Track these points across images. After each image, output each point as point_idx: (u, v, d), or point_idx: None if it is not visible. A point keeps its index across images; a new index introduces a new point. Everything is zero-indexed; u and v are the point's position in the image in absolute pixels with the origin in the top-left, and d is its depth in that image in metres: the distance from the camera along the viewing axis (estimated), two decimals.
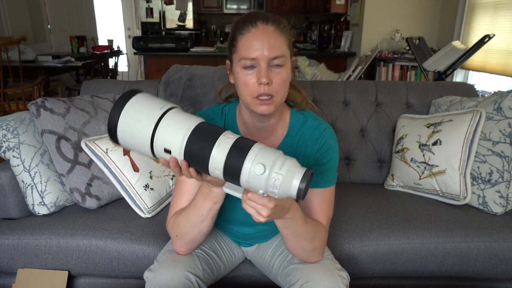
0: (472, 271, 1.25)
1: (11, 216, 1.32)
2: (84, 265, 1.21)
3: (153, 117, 0.65)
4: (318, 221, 0.93)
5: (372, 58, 2.94)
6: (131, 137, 0.66)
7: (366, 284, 1.32)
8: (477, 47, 2.41)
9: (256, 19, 0.82)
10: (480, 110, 1.40)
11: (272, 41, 0.81)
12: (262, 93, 0.82)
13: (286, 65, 0.84)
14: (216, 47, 4.15)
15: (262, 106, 0.84)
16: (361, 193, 1.53)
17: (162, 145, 0.65)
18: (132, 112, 0.65)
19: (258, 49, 0.80)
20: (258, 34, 0.81)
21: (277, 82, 0.83)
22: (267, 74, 0.81)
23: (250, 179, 0.64)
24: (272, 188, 0.65)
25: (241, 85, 0.84)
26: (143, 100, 0.66)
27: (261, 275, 1.18)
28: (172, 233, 0.94)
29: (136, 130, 0.65)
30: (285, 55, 0.83)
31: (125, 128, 0.65)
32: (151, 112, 0.65)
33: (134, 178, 1.32)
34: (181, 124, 0.66)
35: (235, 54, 0.85)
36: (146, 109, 0.65)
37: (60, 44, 5.54)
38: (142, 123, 0.65)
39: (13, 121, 1.33)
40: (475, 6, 3.27)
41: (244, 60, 0.82)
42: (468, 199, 1.36)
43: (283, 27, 0.84)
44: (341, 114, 1.70)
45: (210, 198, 0.82)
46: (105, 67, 4.17)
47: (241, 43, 0.83)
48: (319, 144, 0.94)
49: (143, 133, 0.65)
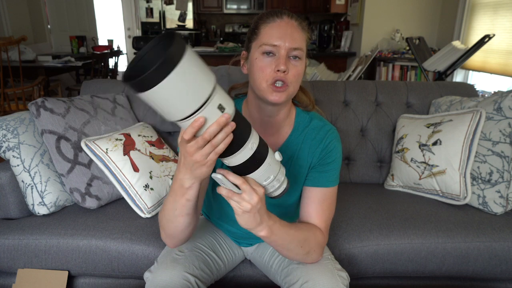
0: (472, 271, 1.25)
1: (11, 216, 1.32)
2: (84, 265, 1.21)
3: (212, 75, 0.61)
4: (310, 224, 0.92)
5: (372, 58, 2.94)
6: (179, 92, 0.56)
7: (366, 284, 1.32)
8: (477, 47, 2.41)
9: (282, 13, 0.88)
10: (480, 110, 1.40)
11: (295, 34, 0.86)
12: (278, 78, 0.84)
13: (302, 60, 0.88)
14: (216, 47, 4.15)
15: (274, 94, 0.85)
16: (361, 193, 1.53)
17: (219, 101, 0.61)
18: (190, 64, 0.56)
19: (280, 38, 0.84)
20: (282, 25, 0.86)
21: (292, 73, 0.85)
22: (286, 62, 0.84)
23: (272, 162, 0.73)
24: (280, 175, 0.76)
25: (258, 70, 0.86)
26: (195, 56, 0.59)
27: (261, 275, 1.18)
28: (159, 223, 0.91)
29: (190, 85, 0.57)
30: (303, 50, 0.87)
31: (175, 82, 0.55)
32: (208, 71, 0.60)
33: (134, 178, 1.32)
34: (227, 96, 0.66)
35: (255, 42, 0.87)
36: (203, 66, 0.59)
37: (60, 44, 5.54)
38: (203, 80, 0.58)
39: (13, 121, 1.33)
40: (475, 6, 3.27)
41: (265, 46, 0.85)
42: (468, 199, 1.36)
43: (305, 25, 0.90)
44: (341, 114, 1.70)
45: (183, 195, 0.77)
46: (105, 67, 4.16)
47: (264, 31, 0.86)
48: (323, 145, 0.95)
49: (198, 90, 0.58)
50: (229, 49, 4.03)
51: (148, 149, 1.42)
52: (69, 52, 4.80)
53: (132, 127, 1.50)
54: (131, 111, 1.61)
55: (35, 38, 5.02)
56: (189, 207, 0.80)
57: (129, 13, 6.16)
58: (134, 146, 1.38)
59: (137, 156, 1.36)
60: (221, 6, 5.85)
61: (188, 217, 0.83)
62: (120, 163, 1.32)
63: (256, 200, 0.71)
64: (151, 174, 1.37)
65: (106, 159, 1.31)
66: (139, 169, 1.34)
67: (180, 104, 0.58)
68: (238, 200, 0.72)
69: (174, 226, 0.85)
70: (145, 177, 1.34)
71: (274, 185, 0.76)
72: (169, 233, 0.88)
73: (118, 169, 1.31)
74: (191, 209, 0.81)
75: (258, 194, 0.72)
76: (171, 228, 0.86)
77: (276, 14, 0.87)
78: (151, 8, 5.77)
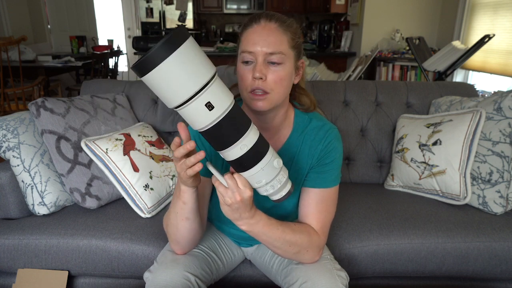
0: (472, 271, 1.25)
1: (11, 216, 1.32)
2: (84, 265, 1.21)
3: (210, 69, 0.64)
4: (305, 225, 0.92)
5: (372, 58, 2.94)
6: (173, 78, 0.61)
7: (366, 284, 1.32)
8: (477, 47, 2.41)
9: (260, 17, 0.85)
10: (480, 110, 1.40)
11: (272, 38, 0.83)
12: (255, 87, 0.83)
13: (286, 64, 0.84)
14: (216, 47, 4.15)
15: (257, 102, 0.84)
16: (361, 193, 1.53)
17: (208, 98, 0.64)
18: (187, 54, 0.61)
19: (256, 44, 0.82)
20: (258, 30, 0.83)
21: (272, 79, 0.83)
22: (261, 69, 0.82)
23: (266, 168, 0.73)
24: (276, 182, 0.75)
25: (240, 79, 0.86)
26: (196, 46, 0.64)
27: (261, 275, 1.18)
28: (165, 230, 0.96)
29: (185, 74, 0.61)
30: (283, 53, 0.83)
31: (173, 67, 0.60)
32: (207, 62, 0.64)
33: (134, 178, 1.32)
34: (227, 88, 0.68)
35: (239, 49, 0.87)
36: (202, 56, 0.64)
37: (60, 44, 5.54)
38: (198, 69, 0.62)
39: (13, 121, 1.33)
40: (475, 6, 3.27)
41: (243, 54, 0.84)
42: (468, 199, 1.36)
43: (287, 26, 0.85)
44: (341, 114, 1.70)
45: (179, 198, 0.83)
46: (105, 67, 4.16)
47: (244, 38, 0.86)
48: (323, 144, 0.94)
49: (192, 80, 0.62)
50: (229, 49, 4.03)
51: (148, 149, 1.42)
52: (69, 52, 4.80)
53: (132, 127, 1.50)
54: (131, 111, 1.61)
55: (35, 38, 5.02)
56: (187, 210, 0.85)
57: (129, 13, 6.15)
58: (134, 146, 1.39)
59: (137, 156, 1.37)
60: (221, 6, 5.85)
61: (188, 221, 0.87)
62: (120, 163, 1.32)
63: (237, 199, 0.74)
64: (151, 174, 1.37)
65: (106, 159, 1.31)
66: (139, 169, 1.34)
67: (179, 88, 0.62)
68: (222, 193, 0.75)
69: (176, 230, 0.90)
70: (145, 177, 1.34)
71: (267, 189, 0.76)
72: (174, 238, 0.93)
73: (118, 169, 1.31)
74: (190, 213, 0.86)
75: (241, 195, 0.73)
76: (174, 232, 0.91)
77: (254, 19, 0.85)
78: (151, 8, 5.77)
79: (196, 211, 0.86)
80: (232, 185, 0.73)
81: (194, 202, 0.84)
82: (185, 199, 0.82)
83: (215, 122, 0.66)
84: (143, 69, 0.61)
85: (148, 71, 0.60)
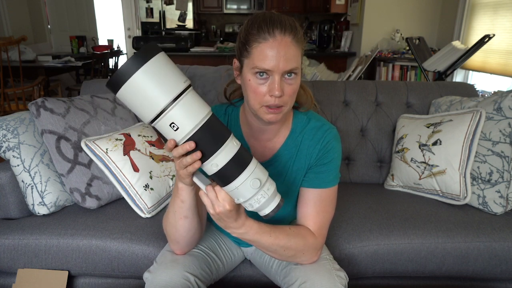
0: (472, 271, 1.25)
1: (11, 216, 1.32)
2: (84, 265, 1.21)
3: (176, 88, 0.63)
4: (300, 227, 0.91)
5: (372, 58, 2.94)
6: (140, 95, 0.62)
7: (366, 284, 1.32)
8: (477, 47, 2.41)
9: (274, 27, 0.78)
10: (480, 110, 1.40)
11: (289, 54, 0.79)
12: (272, 104, 0.81)
13: (298, 74, 0.83)
14: (216, 47, 4.15)
15: (269, 115, 0.83)
16: (361, 193, 1.53)
17: (172, 119, 0.64)
18: (153, 71, 0.61)
19: (273, 60, 0.78)
20: (275, 46, 0.78)
21: (288, 93, 0.82)
22: (281, 87, 0.79)
23: (241, 188, 0.70)
24: (254, 202, 0.72)
25: (251, 91, 0.82)
26: (166, 62, 0.64)
27: (261, 275, 1.18)
28: (164, 230, 0.96)
29: (151, 91, 0.62)
30: (299, 67, 0.82)
31: (139, 84, 0.61)
32: (174, 80, 0.63)
33: (134, 178, 1.32)
34: (198, 108, 0.66)
35: (248, 59, 0.81)
36: (170, 74, 0.63)
37: (60, 44, 5.53)
38: (162, 88, 0.62)
39: (13, 121, 1.33)
40: (475, 6, 3.27)
41: (257, 69, 0.79)
42: (468, 199, 1.36)
43: (300, 36, 0.82)
44: (341, 114, 1.70)
45: (177, 196, 0.84)
46: (105, 67, 4.16)
47: (256, 51, 0.79)
48: (321, 144, 0.93)
49: (157, 98, 0.62)
50: (229, 49, 4.03)
51: (148, 149, 1.42)
52: (69, 52, 4.80)
53: (132, 127, 1.50)
54: (131, 111, 1.61)
55: (35, 38, 5.02)
56: (185, 208, 0.85)
57: (129, 13, 6.15)
58: (134, 146, 1.39)
59: (137, 156, 1.37)
60: (221, 6, 5.85)
61: (187, 220, 0.88)
62: (120, 163, 1.32)
63: (217, 211, 0.74)
64: (151, 174, 1.37)
65: (106, 159, 1.31)
66: (139, 169, 1.34)
67: (143, 112, 0.63)
68: (205, 203, 0.76)
69: (175, 229, 0.90)
70: (145, 177, 1.34)
71: (247, 206, 0.75)
72: (173, 238, 0.93)
73: (118, 169, 1.31)
74: (189, 211, 0.86)
75: (219, 208, 0.74)
76: (173, 232, 0.91)
77: (268, 31, 0.78)
78: (151, 8, 5.77)
79: (194, 210, 0.86)
80: (213, 198, 0.74)
81: (192, 200, 0.84)
82: (183, 197, 0.83)
83: (183, 141, 0.67)
84: (115, 85, 0.62)
85: (119, 87, 0.61)
